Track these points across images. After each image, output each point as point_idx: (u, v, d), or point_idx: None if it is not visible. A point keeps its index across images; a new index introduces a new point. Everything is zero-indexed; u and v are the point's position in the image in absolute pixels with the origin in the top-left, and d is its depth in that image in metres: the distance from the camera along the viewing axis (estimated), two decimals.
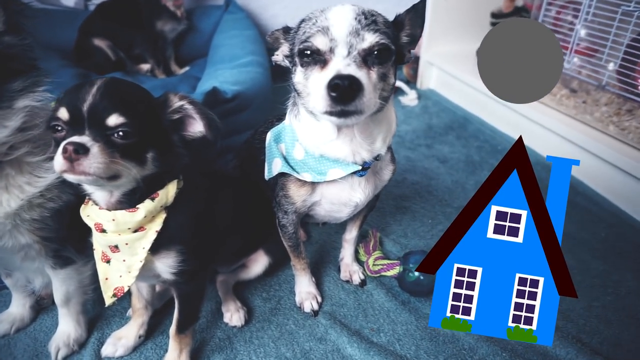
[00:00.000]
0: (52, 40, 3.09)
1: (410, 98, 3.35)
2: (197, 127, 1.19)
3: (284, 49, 1.26)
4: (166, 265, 1.25)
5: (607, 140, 2.21)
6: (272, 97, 2.57)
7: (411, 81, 3.65)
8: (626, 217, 2.15)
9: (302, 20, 1.19)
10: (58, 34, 3.11)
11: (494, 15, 3.27)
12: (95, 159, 1.01)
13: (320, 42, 1.08)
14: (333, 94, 1.00)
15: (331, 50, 1.07)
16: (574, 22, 2.59)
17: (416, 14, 1.21)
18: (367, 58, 1.09)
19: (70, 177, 1.03)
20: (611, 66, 2.46)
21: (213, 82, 2.29)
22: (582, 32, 2.52)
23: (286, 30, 1.26)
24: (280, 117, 1.47)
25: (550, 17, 2.62)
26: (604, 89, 2.31)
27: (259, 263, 1.63)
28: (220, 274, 1.65)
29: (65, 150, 1.00)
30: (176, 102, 1.16)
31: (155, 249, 1.21)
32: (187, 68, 3.26)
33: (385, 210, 2.16)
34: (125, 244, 1.18)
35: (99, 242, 1.23)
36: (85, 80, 1.11)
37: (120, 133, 1.04)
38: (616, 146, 2.16)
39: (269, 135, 1.40)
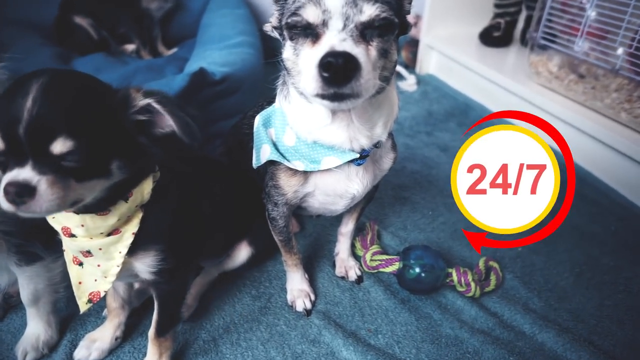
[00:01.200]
0: (31, 16, 2.91)
1: (409, 83, 3.21)
2: (167, 122, 1.00)
3: (273, 18, 1.12)
4: (145, 265, 1.13)
5: (618, 129, 2.09)
6: (264, 79, 2.42)
7: (410, 65, 3.50)
8: (637, 210, 2.04)
9: None
10: (38, 10, 2.92)
11: None
12: (45, 197, 0.83)
13: (311, 14, 0.93)
14: (325, 74, 0.86)
15: (324, 24, 0.93)
16: (583, 2, 2.45)
17: None
18: (365, 32, 0.94)
19: (23, 215, 0.86)
20: (620, 51, 2.33)
21: (201, 63, 2.14)
22: (592, 14, 2.38)
23: None
24: (271, 101, 1.33)
25: None
26: (618, 73, 2.17)
27: (241, 251, 1.50)
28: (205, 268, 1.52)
29: (6, 192, 0.82)
30: (140, 101, 0.95)
31: (132, 249, 1.08)
32: (175, 49, 3.09)
33: (384, 201, 2.04)
34: (99, 249, 1.06)
35: (68, 247, 1.10)
36: (19, 82, 0.87)
37: (74, 158, 0.85)
38: (629, 135, 2.04)
39: (258, 119, 1.26)
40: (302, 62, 0.96)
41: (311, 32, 0.95)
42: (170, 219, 1.16)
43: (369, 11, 0.93)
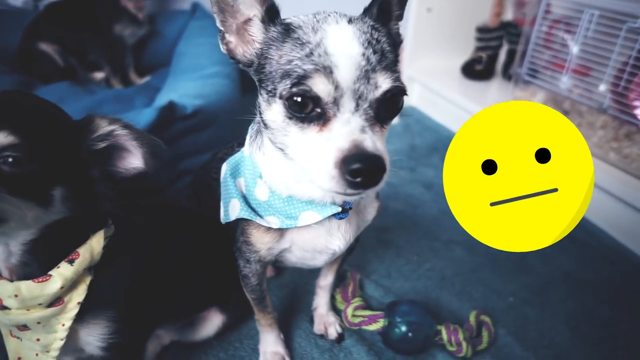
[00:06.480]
0: None
1: None
2: (131, 160, 0.92)
3: (254, 35, 0.91)
4: (93, 337, 0.97)
5: (608, 169, 2.02)
6: (241, 112, 2.29)
7: None
8: (630, 255, 1.95)
9: (286, 33, 0.84)
10: (1, 36, 2.77)
11: (480, 30, 3.09)
12: None
13: (322, 90, 0.78)
14: (354, 180, 0.75)
15: (334, 102, 0.79)
16: (566, 39, 2.43)
17: None
18: (379, 111, 0.83)
19: None
20: (602, 87, 2.30)
21: (172, 95, 2.01)
22: (575, 50, 2.35)
23: (271, 10, 0.88)
24: (243, 142, 1.19)
25: (541, 32, 2.44)
26: (606, 113, 2.12)
27: (211, 322, 1.33)
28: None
29: None
30: (104, 127, 0.89)
31: (79, 316, 0.93)
32: (147, 78, 2.96)
33: (366, 244, 1.90)
34: (37, 323, 0.89)
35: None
36: None
37: (10, 159, 0.76)
38: (618, 175, 1.97)
39: (225, 168, 1.12)
40: (304, 142, 0.83)
41: (318, 115, 0.80)
42: (126, 281, 1.00)
43: (385, 84, 0.81)
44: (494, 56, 3.15)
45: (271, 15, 0.88)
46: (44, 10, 2.78)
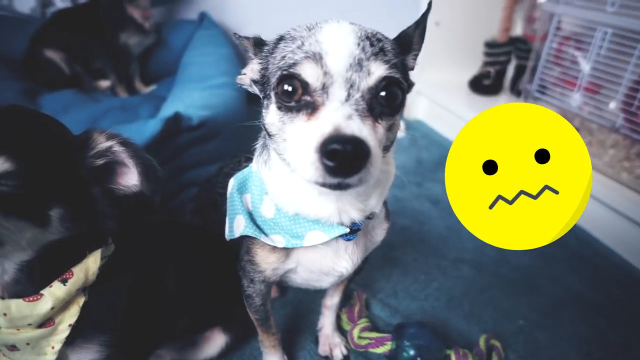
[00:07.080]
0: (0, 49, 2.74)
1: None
2: (130, 178, 0.88)
3: (253, 68, 0.96)
4: None
5: (620, 189, 1.98)
6: (247, 124, 2.27)
7: None
8: (638, 275, 1.90)
9: (281, 38, 0.89)
10: (7, 43, 2.77)
11: (488, 44, 3.07)
12: None
13: (310, 74, 0.77)
14: (329, 164, 0.70)
15: (324, 89, 0.77)
16: (576, 56, 2.40)
17: (423, 27, 0.96)
18: (373, 103, 0.79)
19: None
20: (612, 105, 2.27)
21: (178, 106, 1.99)
22: (586, 68, 2.32)
23: (258, 42, 0.95)
24: (250, 157, 1.16)
25: (552, 49, 2.42)
26: (617, 132, 2.09)
27: (214, 342, 1.29)
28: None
29: None
30: (102, 143, 0.86)
31: (70, 339, 0.89)
32: (153, 87, 2.94)
33: (372, 261, 1.84)
34: (27, 344, 0.85)
35: None
36: None
37: (9, 183, 0.72)
38: (630, 196, 1.93)
39: (232, 183, 1.09)
40: (293, 135, 0.80)
41: (306, 102, 0.78)
42: (123, 303, 0.96)
43: (378, 71, 0.78)
44: (502, 71, 3.13)
45: (258, 44, 0.95)
46: (50, 18, 2.77)
